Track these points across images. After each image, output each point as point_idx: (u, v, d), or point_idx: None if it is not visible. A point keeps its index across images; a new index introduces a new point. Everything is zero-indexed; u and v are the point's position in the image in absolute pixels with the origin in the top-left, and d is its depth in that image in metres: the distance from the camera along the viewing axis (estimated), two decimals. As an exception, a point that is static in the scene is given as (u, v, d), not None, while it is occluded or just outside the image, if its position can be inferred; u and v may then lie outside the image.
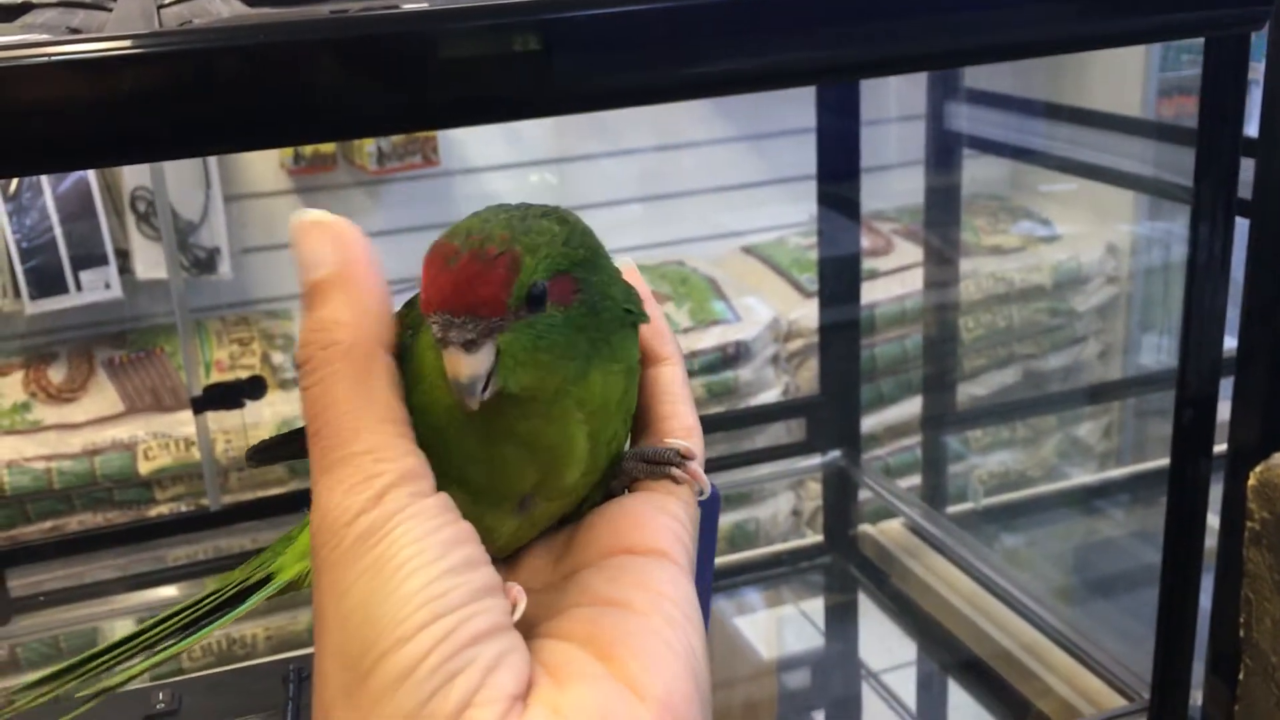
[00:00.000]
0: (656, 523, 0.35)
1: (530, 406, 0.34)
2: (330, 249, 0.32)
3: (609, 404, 0.36)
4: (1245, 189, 0.81)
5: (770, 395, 2.03)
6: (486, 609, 0.30)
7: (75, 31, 0.60)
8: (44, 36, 0.54)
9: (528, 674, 0.30)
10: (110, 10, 0.83)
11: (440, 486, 0.33)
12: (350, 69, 0.57)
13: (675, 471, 0.37)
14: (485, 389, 0.32)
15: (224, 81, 0.54)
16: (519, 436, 0.34)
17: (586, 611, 0.33)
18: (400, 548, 0.30)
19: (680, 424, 0.38)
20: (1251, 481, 0.73)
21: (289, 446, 0.42)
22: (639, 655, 0.31)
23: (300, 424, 0.34)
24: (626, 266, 0.40)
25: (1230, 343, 0.84)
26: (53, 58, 0.51)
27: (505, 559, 0.38)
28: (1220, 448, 0.84)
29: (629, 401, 0.38)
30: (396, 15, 0.58)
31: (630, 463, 0.37)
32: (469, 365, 0.32)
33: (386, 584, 0.29)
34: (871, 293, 2.08)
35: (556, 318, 0.33)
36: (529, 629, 0.33)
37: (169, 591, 1.16)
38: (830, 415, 1.25)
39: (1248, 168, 0.81)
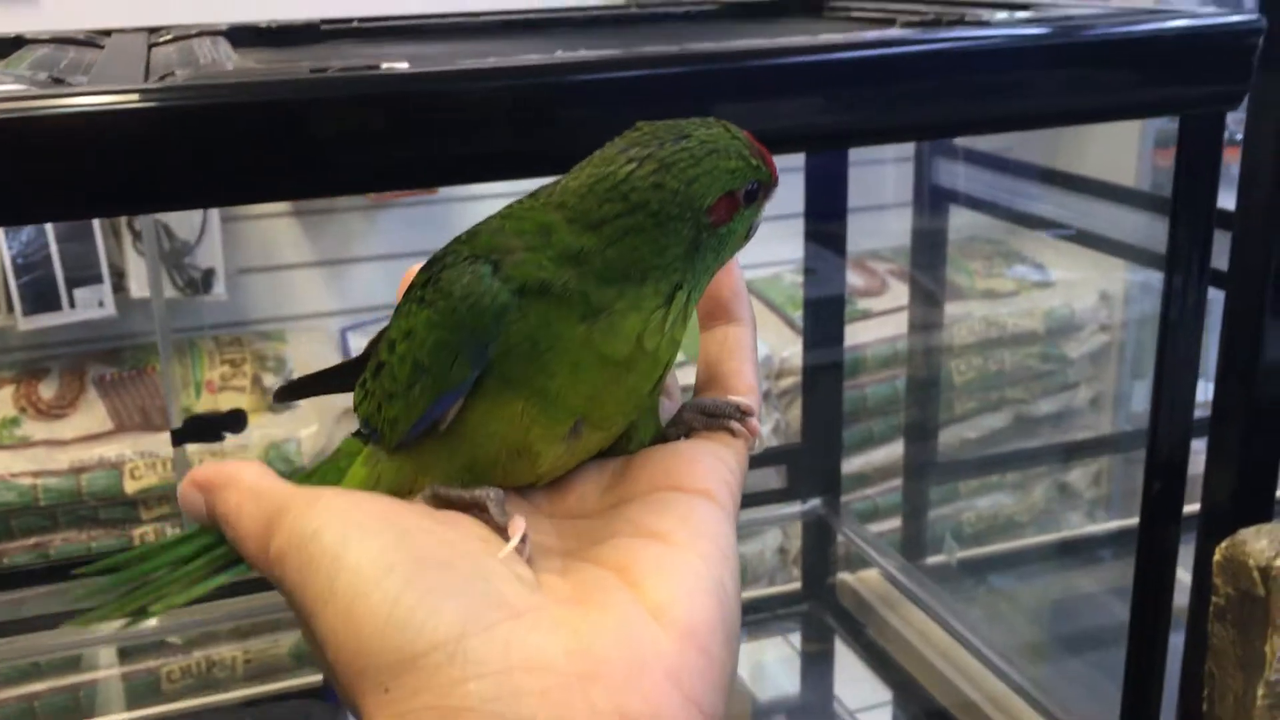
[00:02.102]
0: (706, 465, 0.36)
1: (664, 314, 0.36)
2: (198, 493, 0.37)
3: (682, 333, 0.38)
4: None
5: (761, 432, 2.03)
6: (443, 553, 0.32)
7: (59, 81, 0.60)
8: (20, 88, 0.55)
9: (526, 594, 0.31)
10: (102, 48, 0.84)
11: (516, 405, 0.36)
12: (329, 128, 0.57)
13: (734, 425, 0.38)
14: None
15: (198, 139, 0.55)
16: (629, 343, 0.36)
17: (625, 542, 0.34)
18: (325, 543, 0.32)
19: (744, 382, 0.40)
20: (1217, 557, 0.73)
21: (318, 384, 0.46)
22: (667, 584, 0.32)
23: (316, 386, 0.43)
24: None
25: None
26: (26, 113, 0.52)
27: (554, 486, 0.39)
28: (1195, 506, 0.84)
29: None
30: (376, 77, 0.58)
31: (689, 413, 0.39)
32: None
33: (331, 571, 0.31)
34: (865, 333, 2.09)
35: None
36: (572, 553, 0.35)
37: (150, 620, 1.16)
38: (811, 463, 1.25)
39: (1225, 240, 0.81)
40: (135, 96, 0.54)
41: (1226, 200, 0.79)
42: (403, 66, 0.60)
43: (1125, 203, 0.88)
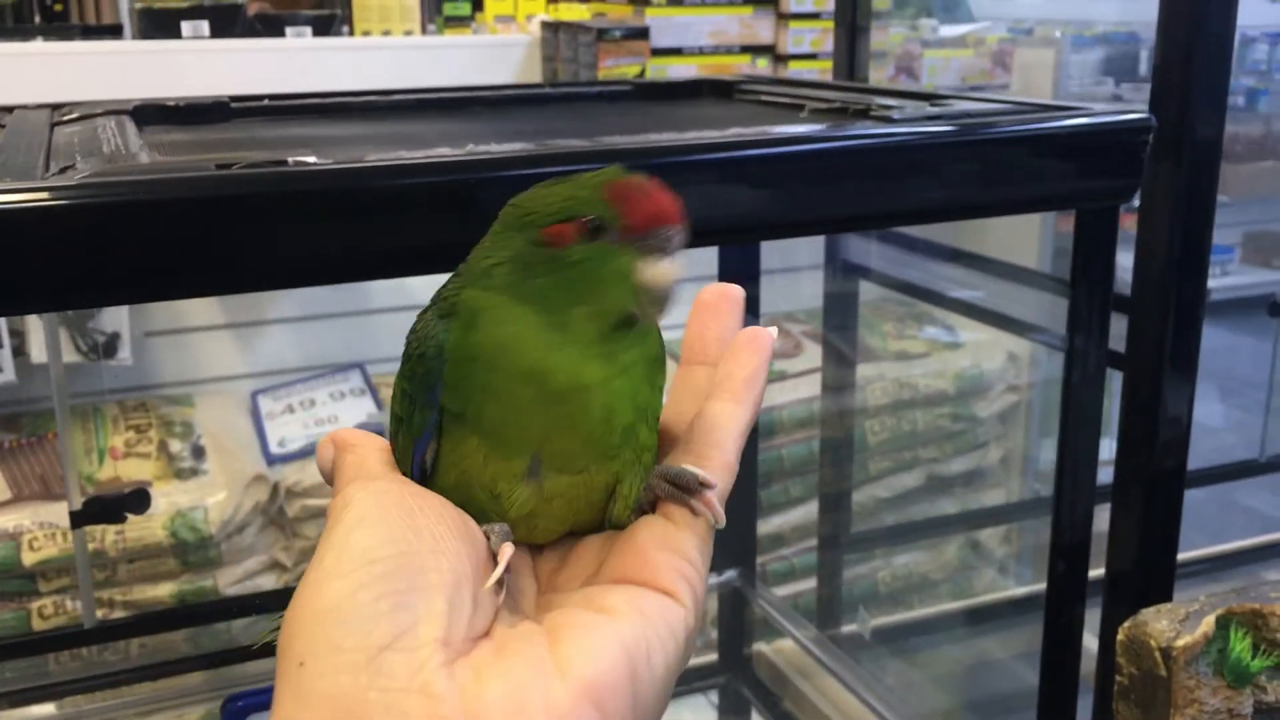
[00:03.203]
0: (670, 566, 0.36)
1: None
2: (331, 447, 0.40)
3: (632, 370, 0.38)
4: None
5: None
6: (426, 566, 0.33)
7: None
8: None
9: (464, 631, 0.33)
10: (3, 126, 0.82)
11: (471, 441, 0.38)
12: (237, 226, 0.56)
13: (694, 503, 0.38)
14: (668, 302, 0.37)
15: (100, 238, 0.54)
16: (547, 381, 0.37)
17: (571, 611, 0.35)
18: (349, 516, 0.35)
19: (723, 458, 0.39)
20: (1120, 637, 0.75)
21: None
22: (581, 642, 0.33)
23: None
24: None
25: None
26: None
27: (553, 561, 0.40)
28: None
29: (646, 397, 0.39)
30: (283, 173, 0.58)
31: (656, 479, 0.39)
32: (677, 270, 0.37)
33: (336, 543, 0.34)
34: (780, 394, 2.11)
35: None
36: (529, 617, 0.36)
37: (47, 709, 1.11)
38: (727, 534, 1.25)
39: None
40: (36, 194, 0.53)
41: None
42: (310, 159, 0.59)
43: (1029, 284, 0.91)
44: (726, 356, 0.41)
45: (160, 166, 0.58)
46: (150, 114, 0.85)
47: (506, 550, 0.36)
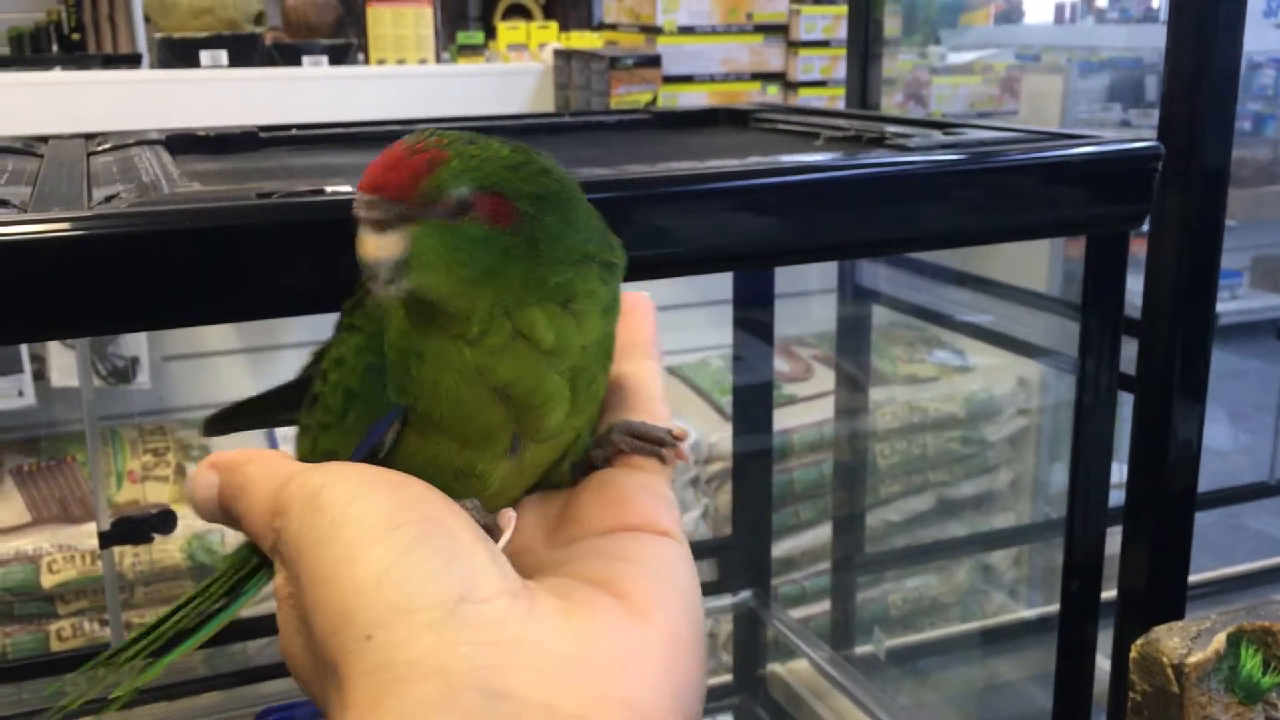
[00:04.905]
0: (655, 505, 0.36)
1: (488, 341, 0.35)
2: (213, 472, 0.37)
3: (572, 344, 0.36)
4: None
5: (690, 517, 2.04)
6: (454, 526, 0.31)
7: (3, 204, 0.61)
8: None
9: (517, 584, 0.31)
10: (41, 156, 0.84)
11: (433, 440, 0.35)
12: (280, 252, 0.58)
13: (665, 452, 0.37)
14: (398, 282, 0.33)
15: (150, 264, 0.56)
16: (488, 373, 0.35)
17: (600, 562, 0.34)
18: (331, 495, 0.32)
19: (663, 412, 0.39)
20: (1133, 654, 0.76)
21: (250, 413, 0.45)
22: (648, 593, 0.32)
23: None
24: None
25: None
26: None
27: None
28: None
29: (609, 345, 0.38)
30: (322, 202, 0.60)
31: (618, 435, 0.38)
32: (375, 246, 0.34)
33: (337, 520, 0.31)
34: (791, 417, 2.12)
35: (479, 232, 0.34)
36: (530, 577, 0.33)
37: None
38: (742, 555, 1.27)
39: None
40: (86, 222, 0.54)
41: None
42: (347, 189, 0.61)
43: (1040, 307, 0.93)
44: (621, 325, 0.40)
45: (202, 195, 0.60)
46: (182, 143, 0.88)
47: (509, 514, 0.34)
